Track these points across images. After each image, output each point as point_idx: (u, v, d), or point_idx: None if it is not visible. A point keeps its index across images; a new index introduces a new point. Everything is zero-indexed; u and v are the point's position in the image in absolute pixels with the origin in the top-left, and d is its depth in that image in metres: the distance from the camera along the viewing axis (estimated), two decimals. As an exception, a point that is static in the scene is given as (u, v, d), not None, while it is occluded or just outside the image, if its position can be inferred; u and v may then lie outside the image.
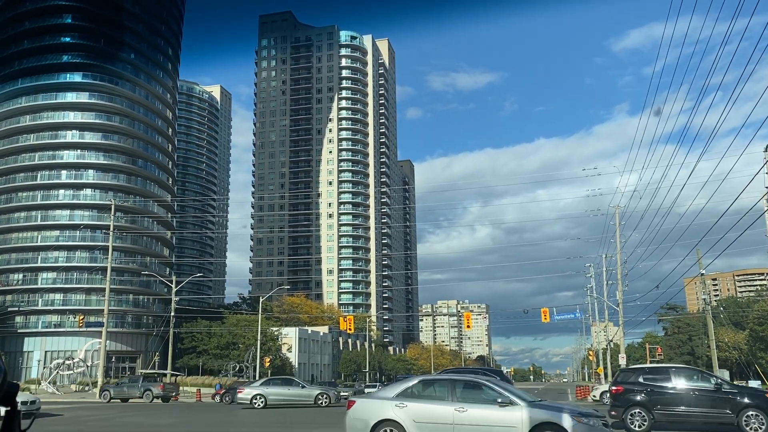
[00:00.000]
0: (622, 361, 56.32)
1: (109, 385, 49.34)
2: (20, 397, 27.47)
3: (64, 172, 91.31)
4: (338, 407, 34.80)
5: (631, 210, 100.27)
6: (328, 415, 28.44)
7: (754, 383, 56.45)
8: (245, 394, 34.70)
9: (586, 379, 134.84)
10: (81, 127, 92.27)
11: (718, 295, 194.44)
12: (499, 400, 13.07)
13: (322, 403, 34.32)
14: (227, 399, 43.10)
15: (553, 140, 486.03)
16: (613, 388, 21.11)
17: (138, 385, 45.19)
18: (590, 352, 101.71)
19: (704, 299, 50.61)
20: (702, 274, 44.27)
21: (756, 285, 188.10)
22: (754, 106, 19.30)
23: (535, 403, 13.54)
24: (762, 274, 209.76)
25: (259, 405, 33.48)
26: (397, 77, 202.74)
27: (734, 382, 58.69)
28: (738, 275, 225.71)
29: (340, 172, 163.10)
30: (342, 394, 45.43)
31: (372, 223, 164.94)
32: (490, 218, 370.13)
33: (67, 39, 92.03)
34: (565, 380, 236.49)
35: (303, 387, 36.39)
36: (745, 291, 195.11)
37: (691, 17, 21.78)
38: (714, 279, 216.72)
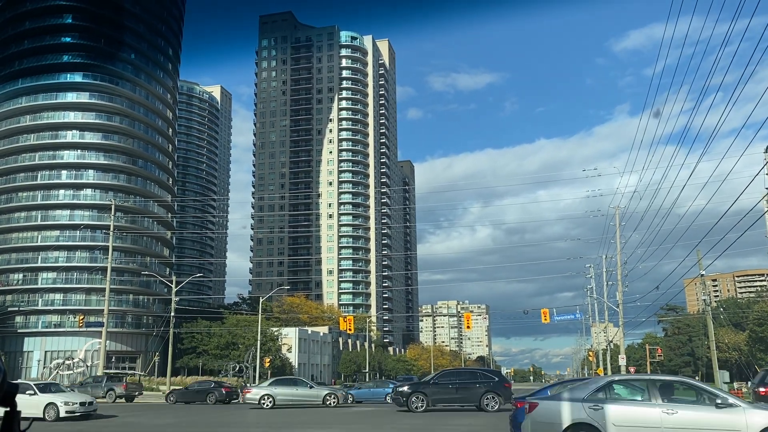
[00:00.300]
0: (622, 361, 56.26)
1: (74, 385, 49.79)
2: (78, 398, 27.32)
3: (64, 172, 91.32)
4: (346, 407, 34.87)
5: (632, 211, 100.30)
6: (337, 415, 28.49)
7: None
8: (253, 394, 35.05)
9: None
10: (81, 127, 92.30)
11: (718, 296, 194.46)
12: (718, 401, 12.01)
13: (330, 403, 34.40)
14: (171, 399, 42.52)
15: (553, 141, 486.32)
16: (761, 389, 20.02)
17: (102, 385, 45.36)
18: (590, 353, 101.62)
19: (704, 300, 50.62)
20: (702, 275, 44.24)
21: (756, 286, 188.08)
22: (754, 107, 19.29)
23: (757, 404, 12.72)
24: (762, 275, 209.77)
25: (267, 405, 33.65)
26: (398, 78, 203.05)
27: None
28: (738, 276, 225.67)
29: (340, 172, 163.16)
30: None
31: (372, 223, 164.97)
32: (490, 219, 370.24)
33: (68, 39, 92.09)
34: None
35: (311, 387, 36.65)
36: (745, 292, 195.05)
37: (691, 19, 21.79)
38: (714, 280, 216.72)
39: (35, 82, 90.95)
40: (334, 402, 34.32)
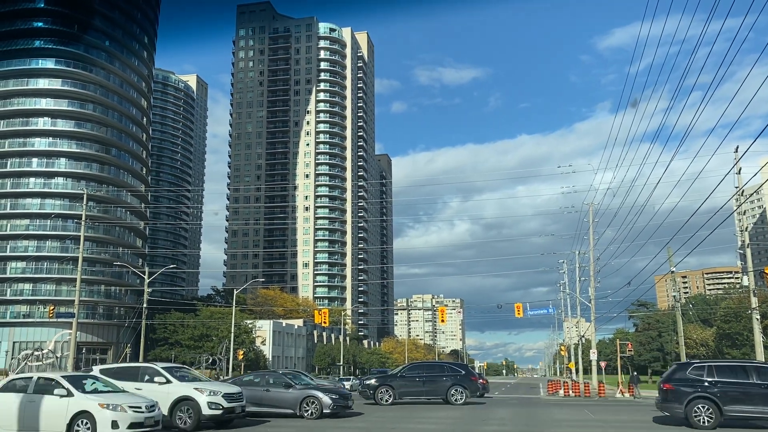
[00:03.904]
0: (593, 356, 57.10)
1: None
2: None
3: (35, 160, 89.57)
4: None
5: (605, 207, 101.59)
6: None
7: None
8: None
9: (557, 374, 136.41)
10: (53, 114, 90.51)
11: (687, 292, 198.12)
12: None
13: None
14: None
15: (534, 137, 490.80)
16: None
17: None
18: (562, 348, 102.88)
19: (674, 296, 51.41)
20: (672, 272, 44.89)
21: (724, 283, 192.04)
22: (727, 106, 19.60)
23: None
24: (730, 272, 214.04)
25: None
26: (383, 71, 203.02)
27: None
28: (707, 273, 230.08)
29: (317, 165, 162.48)
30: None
31: (348, 216, 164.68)
32: (469, 213, 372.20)
33: (40, 24, 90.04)
34: (536, 375, 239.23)
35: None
36: (713, 289, 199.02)
37: (666, 18, 22.03)
38: (684, 277, 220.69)
39: (6, 67, 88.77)
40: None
